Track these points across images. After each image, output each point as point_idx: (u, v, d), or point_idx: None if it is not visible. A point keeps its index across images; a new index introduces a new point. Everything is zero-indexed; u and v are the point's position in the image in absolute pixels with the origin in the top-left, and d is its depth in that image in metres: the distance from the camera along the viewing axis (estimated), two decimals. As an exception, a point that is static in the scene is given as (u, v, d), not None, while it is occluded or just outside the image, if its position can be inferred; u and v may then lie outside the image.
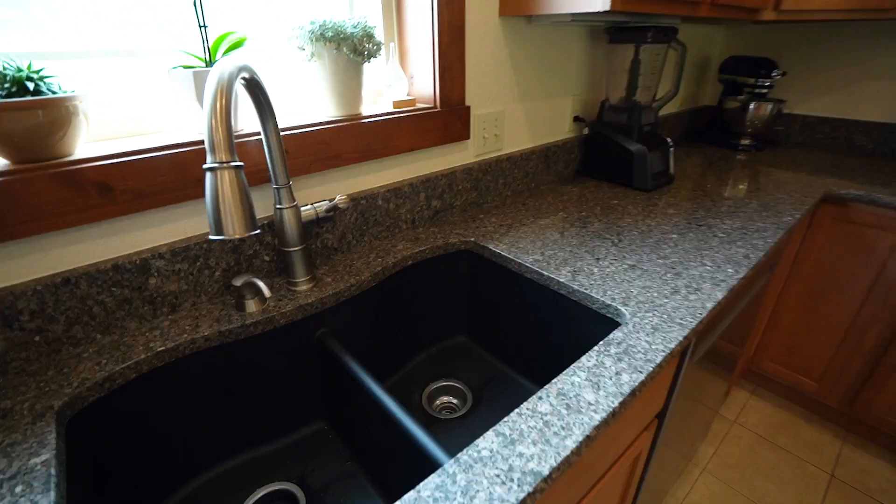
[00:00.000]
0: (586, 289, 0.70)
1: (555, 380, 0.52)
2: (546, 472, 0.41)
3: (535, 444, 0.44)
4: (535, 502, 0.41)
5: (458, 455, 0.43)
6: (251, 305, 0.66)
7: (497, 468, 0.42)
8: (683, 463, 1.23)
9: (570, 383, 0.52)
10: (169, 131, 0.69)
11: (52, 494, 0.40)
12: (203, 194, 0.64)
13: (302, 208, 0.68)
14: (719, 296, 0.67)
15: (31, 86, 0.51)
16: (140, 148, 0.59)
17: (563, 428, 0.46)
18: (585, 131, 1.21)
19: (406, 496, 0.39)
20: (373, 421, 0.62)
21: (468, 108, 0.92)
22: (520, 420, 0.47)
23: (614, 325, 0.67)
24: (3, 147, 0.51)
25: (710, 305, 0.65)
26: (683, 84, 1.63)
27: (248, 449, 0.72)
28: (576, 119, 1.20)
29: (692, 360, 0.74)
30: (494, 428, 0.46)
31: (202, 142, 0.62)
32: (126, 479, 0.57)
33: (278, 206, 0.65)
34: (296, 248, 0.69)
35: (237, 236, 0.44)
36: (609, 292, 0.69)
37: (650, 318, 0.63)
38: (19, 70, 0.51)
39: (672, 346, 0.57)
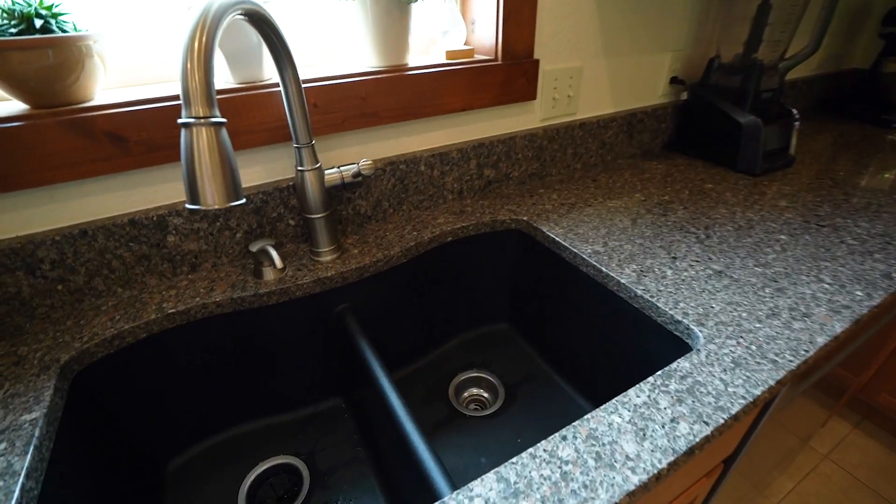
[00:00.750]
0: (653, 296, 0.56)
1: (588, 415, 0.42)
2: (552, 545, 0.32)
3: (543, 502, 0.35)
4: (533, 579, 0.33)
5: (446, 499, 0.35)
6: (269, 273, 0.62)
7: (490, 527, 0.33)
8: (751, 493, 1.07)
9: (606, 424, 0.41)
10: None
11: (28, 459, 0.39)
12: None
13: (326, 171, 0.61)
14: (838, 329, 0.50)
15: (38, 23, 0.47)
16: (156, 96, 0.54)
17: (584, 486, 0.36)
18: (684, 96, 1.00)
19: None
20: (378, 417, 0.56)
21: (536, 62, 0.78)
22: (531, 464, 0.37)
23: (682, 348, 0.54)
24: (19, 90, 0.49)
25: (821, 341, 0.49)
26: (826, 39, 1.30)
27: (262, 417, 0.70)
28: (673, 80, 0.99)
29: (784, 399, 0.58)
30: (498, 470, 0.37)
31: (227, 91, 0.57)
32: (130, 439, 0.58)
33: (299, 168, 0.59)
34: (318, 216, 0.62)
35: (215, 207, 0.38)
36: (682, 304, 0.55)
37: (732, 348, 0.48)
38: (28, 5, 0.47)
39: (757, 392, 0.43)
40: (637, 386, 0.44)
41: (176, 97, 0.55)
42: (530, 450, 0.39)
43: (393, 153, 0.74)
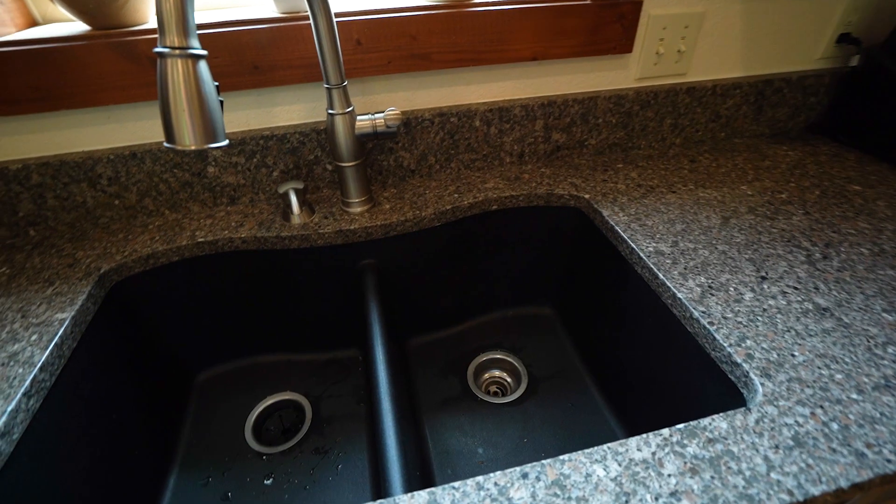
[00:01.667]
0: (713, 322, 0.44)
1: (566, 456, 0.34)
2: None
3: (468, 548, 0.29)
4: None
5: (366, 507, 0.32)
6: (296, 217, 0.61)
7: (398, 555, 0.29)
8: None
9: (584, 473, 0.33)
10: (250, 5, 0.62)
11: (45, 354, 0.44)
12: (260, 84, 0.57)
13: (359, 117, 0.56)
14: None
15: (89, -62, 0.47)
16: (201, 22, 0.53)
17: (525, 544, 0.30)
18: (854, 61, 0.74)
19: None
20: (370, 388, 0.54)
21: (639, 3, 0.62)
22: (474, 496, 0.32)
23: (732, 399, 0.42)
24: (78, 10, 0.51)
25: (951, 442, 0.34)
26: None
27: (284, 352, 0.73)
28: (842, 39, 0.73)
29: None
30: (433, 491, 0.32)
31: (255, 21, 0.54)
32: (163, 350, 0.63)
33: (329, 111, 0.55)
34: (348, 164, 0.59)
35: (192, 147, 0.36)
36: (749, 342, 0.42)
37: (801, 418, 0.36)
38: (82, -82, 0.47)
39: (815, 490, 0.32)
40: (644, 436, 0.35)
41: (210, 25, 0.53)
42: (479, 478, 0.33)
43: (444, 103, 0.66)
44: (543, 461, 0.34)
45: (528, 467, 0.34)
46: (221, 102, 0.38)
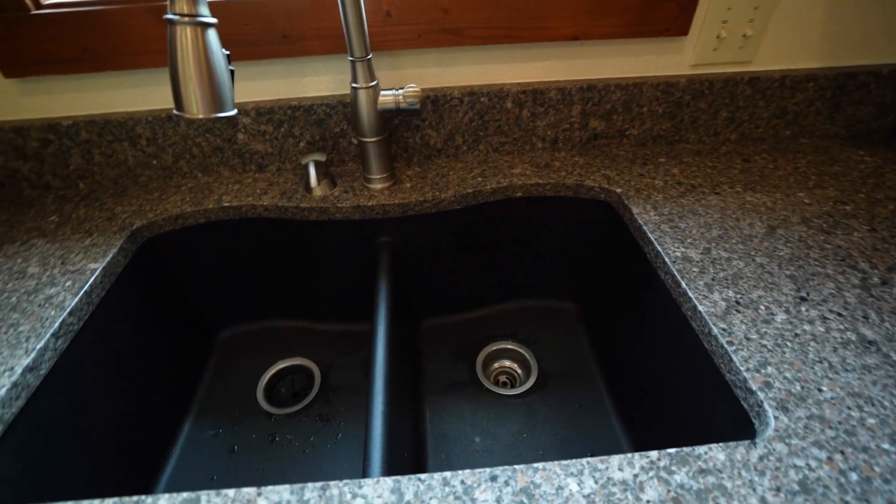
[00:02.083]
0: (732, 342, 0.40)
1: (540, 464, 0.33)
2: None
3: (422, 542, 0.29)
4: None
5: (335, 483, 0.32)
6: (317, 189, 0.62)
7: (353, 538, 0.29)
8: None
9: (555, 486, 0.31)
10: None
11: (75, 300, 0.48)
12: (289, 54, 0.57)
13: (382, 92, 0.55)
14: None
15: None
16: (230, -13, 0.53)
17: (480, 548, 0.29)
18: (966, 54, 0.63)
19: None
20: (369, 367, 0.54)
21: (702, -22, 0.55)
22: (438, 491, 0.31)
23: (740, 428, 0.38)
24: (122, -30, 0.52)
25: None
26: None
27: (302, 319, 0.75)
28: (955, 26, 0.62)
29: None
30: (399, 479, 0.32)
31: (287, -13, 0.53)
32: (188, 305, 0.67)
33: (353, 84, 0.54)
34: (370, 140, 0.58)
35: (199, 116, 0.36)
36: (771, 369, 0.38)
37: (814, 461, 0.32)
38: None
39: (812, 542, 0.28)
40: (628, 455, 0.33)
41: (249, -10, 0.53)
42: (447, 474, 0.32)
43: (476, 81, 0.63)
44: (516, 466, 0.33)
45: (499, 470, 0.33)
46: (232, 72, 0.38)
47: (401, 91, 0.54)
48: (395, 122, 0.64)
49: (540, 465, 0.33)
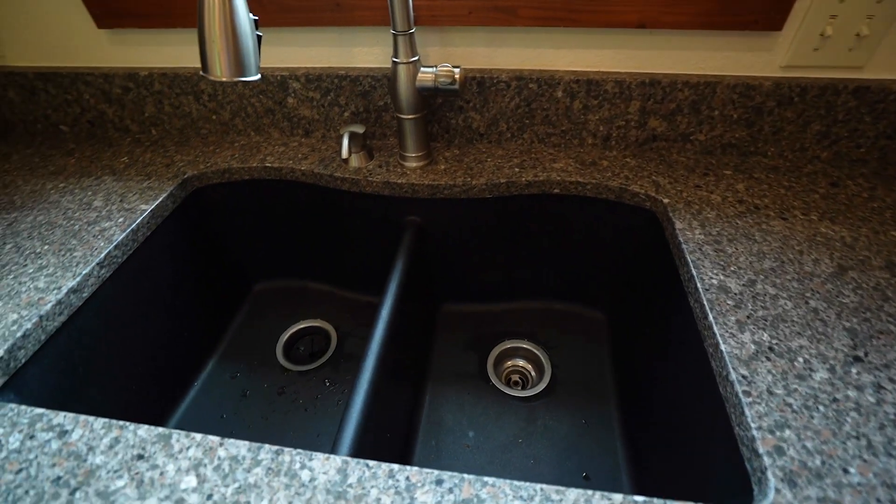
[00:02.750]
0: (749, 392, 0.35)
1: (491, 480, 0.31)
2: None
3: (351, 527, 0.29)
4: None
5: (289, 450, 0.33)
6: (354, 159, 0.62)
7: (291, 505, 0.30)
8: None
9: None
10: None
11: (122, 234, 0.53)
12: (341, 22, 0.57)
13: (423, 69, 0.54)
14: None
15: None
16: (290, -49, 0.54)
17: (405, 547, 0.28)
18: None
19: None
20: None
21: (809, -38, 0.47)
22: (381, 482, 0.31)
23: (739, 491, 0.34)
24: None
25: None
26: None
27: (331, 283, 0.78)
28: None
29: None
30: (347, 460, 0.32)
31: (340, -46, 0.53)
32: (219, 257, 0.72)
33: (394, 59, 0.53)
34: (407, 117, 0.57)
35: (222, 79, 0.37)
36: (787, 433, 0.33)
37: (807, 548, 0.27)
38: None
39: None
40: (587, 492, 0.31)
41: (306, -44, 0.53)
42: (394, 467, 0.32)
43: (526, 66, 0.59)
44: (465, 475, 0.31)
45: (447, 475, 0.32)
46: (259, 38, 0.39)
47: (436, 69, 0.52)
48: (438, 102, 0.62)
49: (491, 479, 0.31)
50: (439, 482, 0.31)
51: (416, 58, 0.53)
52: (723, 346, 0.39)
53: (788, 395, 0.35)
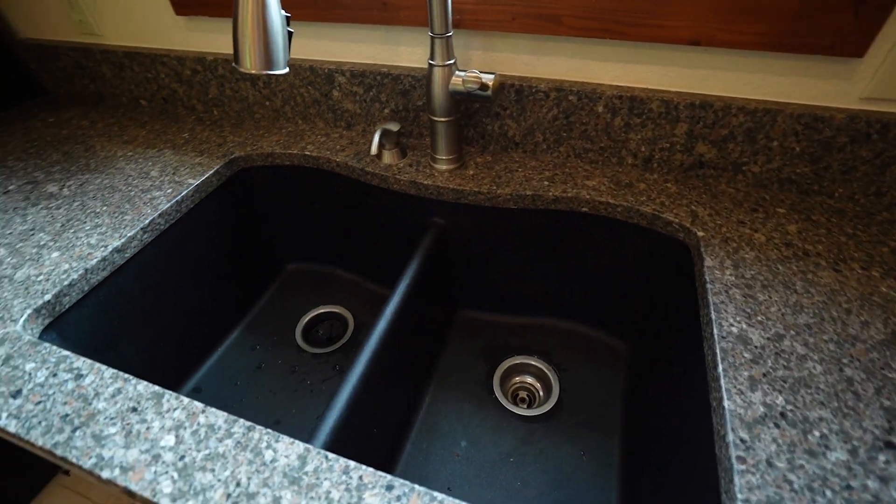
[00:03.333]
0: (744, 459, 0.32)
1: (441, 496, 0.31)
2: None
3: (296, 514, 0.30)
4: (245, 556, 0.31)
5: (258, 428, 0.35)
6: (386, 156, 0.64)
7: None
8: None
9: (443, 522, 0.29)
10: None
11: (167, 205, 0.58)
12: (386, 21, 0.58)
13: (456, 73, 0.53)
14: None
15: None
16: (345, -50, 0.56)
17: (340, 546, 0.29)
18: None
19: (192, 406, 0.36)
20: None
21: (903, -18, 0.41)
22: (336, 475, 0.32)
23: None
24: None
25: None
26: None
27: (357, 273, 0.80)
28: None
29: None
30: (308, 448, 0.33)
31: (390, -46, 0.53)
32: (255, 235, 0.76)
33: (430, 61, 0.53)
34: (438, 119, 0.57)
35: (252, 71, 0.39)
36: (779, 511, 0.29)
37: None
38: None
39: None
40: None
41: (360, -45, 0.55)
42: (351, 464, 0.32)
43: (569, 76, 0.57)
44: (416, 487, 0.31)
45: (398, 482, 0.32)
46: (290, 34, 0.41)
47: (465, 74, 0.52)
48: (475, 107, 0.62)
49: (440, 496, 0.31)
50: (389, 488, 0.31)
51: (451, 61, 0.53)
52: (726, 402, 0.35)
53: (792, 470, 0.31)
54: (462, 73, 0.52)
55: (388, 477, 0.32)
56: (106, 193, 0.60)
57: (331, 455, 0.33)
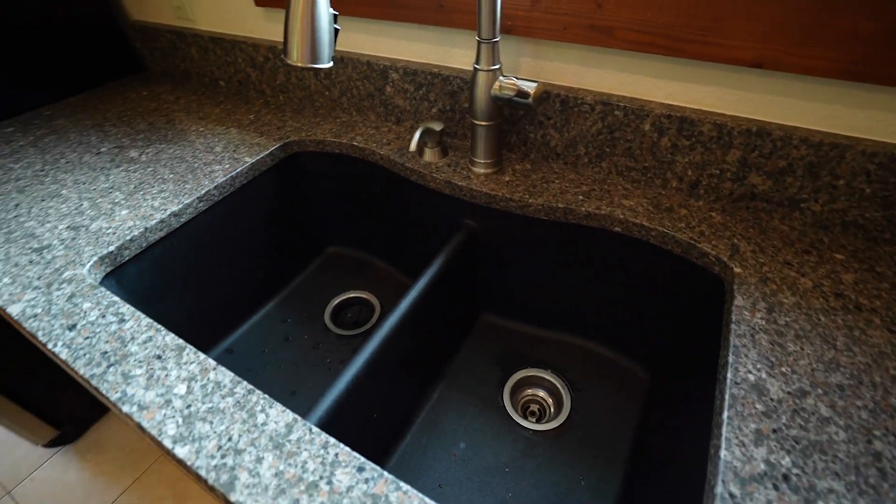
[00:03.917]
0: (732, 515, 0.30)
1: (407, 487, 0.32)
2: None
3: (278, 477, 0.32)
4: (225, 505, 0.33)
5: (251, 390, 0.38)
6: (427, 154, 0.65)
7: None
8: None
9: (402, 513, 0.30)
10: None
11: (223, 178, 0.63)
12: (441, 23, 0.60)
13: (500, 78, 0.53)
14: None
15: None
16: (409, -48, 0.58)
17: (304, 514, 0.31)
18: None
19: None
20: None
21: None
22: (317, 449, 0.34)
23: None
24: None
25: None
26: None
27: (389, 262, 0.83)
28: None
29: None
30: (296, 419, 0.36)
31: (450, -42, 0.54)
32: (301, 215, 0.80)
33: (475, 65, 0.54)
34: (479, 123, 0.58)
35: (297, 63, 0.42)
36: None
37: None
38: None
39: None
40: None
41: (422, -42, 0.57)
42: (331, 440, 0.34)
43: (618, 91, 0.55)
44: (384, 472, 0.32)
45: (369, 465, 0.33)
46: (337, 30, 0.43)
47: (502, 80, 0.52)
48: (520, 113, 0.61)
49: (406, 486, 0.32)
50: (360, 469, 0.33)
51: (496, 66, 0.53)
52: (723, 452, 0.33)
53: (782, 537, 0.29)
54: (503, 79, 0.52)
55: (362, 459, 0.33)
56: (175, 163, 0.67)
57: (314, 429, 0.35)
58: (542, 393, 0.66)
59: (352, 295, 0.80)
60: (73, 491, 1.09)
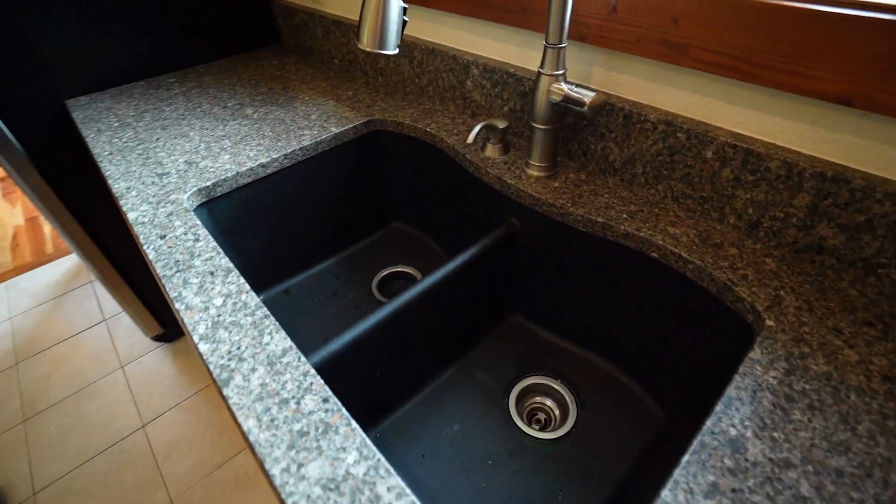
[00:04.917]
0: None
1: (395, 481, 0.36)
2: (224, 396, 0.38)
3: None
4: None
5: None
6: (489, 149, 0.68)
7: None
8: None
9: (375, 494, 0.34)
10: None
11: (307, 143, 0.73)
12: (522, 25, 0.61)
13: (562, 85, 0.54)
14: None
15: None
16: (504, -45, 0.60)
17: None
18: None
19: (241, 286, 0.48)
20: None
21: None
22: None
23: None
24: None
25: None
26: None
27: (444, 244, 0.87)
28: None
29: None
30: (309, 356, 0.42)
31: (536, -37, 0.56)
32: (371, 188, 0.87)
33: (539, 68, 0.55)
34: (536, 126, 0.59)
35: (366, 48, 0.48)
36: None
37: None
38: None
39: None
40: None
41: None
42: (312, 370, 0.40)
43: (684, 112, 0.52)
44: (342, 408, 0.37)
45: (333, 398, 0.37)
46: (405, 22, 0.47)
47: (552, 85, 0.52)
48: (583, 123, 0.61)
49: (355, 425, 0.36)
50: (325, 400, 0.37)
51: (559, 72, 0.53)
52: (665, 492, 0.31)
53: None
54: (556, 85, 0.53)
55: (329, 392, 0.38)
56: (276, 123, 0.78)
57: (302, 357, 0.41)
58: (549, 402, 0.65)
59: (401, 269, 0.85)
60: (163, 382, 1.33)
